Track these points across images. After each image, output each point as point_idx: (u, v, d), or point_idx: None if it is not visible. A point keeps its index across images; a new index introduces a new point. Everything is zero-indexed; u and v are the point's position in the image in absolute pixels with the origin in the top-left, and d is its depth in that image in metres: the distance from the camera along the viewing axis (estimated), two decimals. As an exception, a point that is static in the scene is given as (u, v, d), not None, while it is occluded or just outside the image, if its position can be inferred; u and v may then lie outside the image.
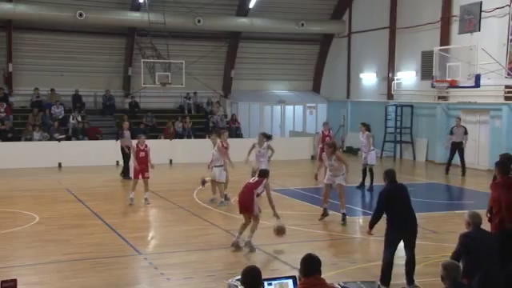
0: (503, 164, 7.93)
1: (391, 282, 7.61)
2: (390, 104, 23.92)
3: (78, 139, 21.83)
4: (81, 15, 22.38)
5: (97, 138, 21.90)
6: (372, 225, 7.86)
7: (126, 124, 18.23)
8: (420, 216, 8.35)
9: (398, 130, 23.30)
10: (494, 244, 6.71)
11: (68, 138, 21.73)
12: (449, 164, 18.57)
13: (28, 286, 7.61)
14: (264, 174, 10.13)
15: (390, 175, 7.83)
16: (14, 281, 5.13)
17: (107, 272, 8.51)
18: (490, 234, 6.85)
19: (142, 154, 13.53)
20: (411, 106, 22.98)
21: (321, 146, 17.27)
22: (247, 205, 9.65)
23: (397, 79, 23.96)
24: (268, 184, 10.02)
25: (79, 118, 22.72)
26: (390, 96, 24.36)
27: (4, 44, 22.93)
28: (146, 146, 13.67)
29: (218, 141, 13.74)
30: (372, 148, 15.64)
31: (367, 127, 15.67)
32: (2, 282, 5.11)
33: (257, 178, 10.05)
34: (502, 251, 6.79)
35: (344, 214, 11.47)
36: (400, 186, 7.84)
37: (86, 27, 23.46)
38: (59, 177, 18.29)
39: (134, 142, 14.20)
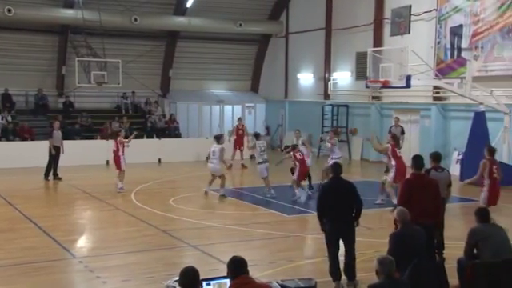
0: (417, 159, 8.10)
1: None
2: (326, 104, 24.44)
3: (8, 140, 20.98)
4: (9, 11, 21.50)
5: (26, 139, 21.14)
6: (319, 219, 7.78)
7: (57, 124, 17.80)
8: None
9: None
10: (422, 238, 7.00)
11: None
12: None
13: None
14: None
15: (333, 170, 7.82)
16: None
17: (40, 277, 8.24)
18: (418, 228, 7.12)
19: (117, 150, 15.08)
20: (347, 106, 23.56)
21: (235, 137, 20.35)
22: None
23: (333, 79, 24.51)
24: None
25: (9, 118, 21.85)
26: (326, 96, 24.89)
27: None
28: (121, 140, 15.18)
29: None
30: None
31: (300, 132, 16.10)
32: None
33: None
34: None
35: None
36: (339, 182, 7.75)
37: (16, 24, 22.53)
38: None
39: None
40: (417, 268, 6.14)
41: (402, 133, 18.95)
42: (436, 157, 9.15)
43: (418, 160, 8.11)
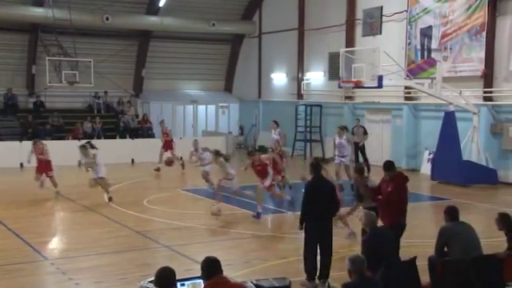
0: (391, 163, 8.36)
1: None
2: (300, 104, 24.58)
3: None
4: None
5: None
6: (302, 218, 7.77)
7: None
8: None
9: (308, 129, 24.00)
10: (392, 238, 7.11)
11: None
12: (356, 163, 19.23)
13: None
14: None
15: (314, 169, 7.89)
16: None
17: (12, 280, 8.11)
18: (387, 229, 7.25)
19: (41, 156, 14.63)
20: (320, 106, 23.74)
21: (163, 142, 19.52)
22: None
23: (306, 79, 24.66)
24: None
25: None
26: (299, 96, 25.04)
27: None
28: (42, 148, 14.74)
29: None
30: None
31: (278, 124, 16.44)
32: None
33: None
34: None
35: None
36: (321, 182, 7.90)
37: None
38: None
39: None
40: (389, 267, 6.24)
41: (365, 133, 19.18)
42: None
43: (391, 164, 8.34)
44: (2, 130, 21.88)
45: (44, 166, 14.72)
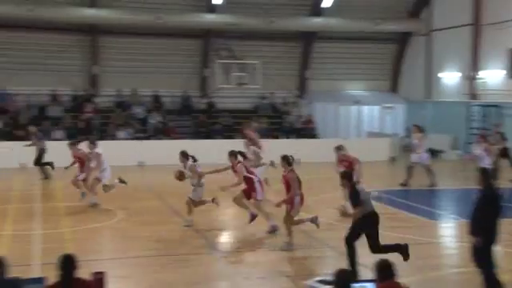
0: None
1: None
2: (473, 104, 22.90)
3: (158, 139, 22.43)
4: (159, 18, 23.03)
5: (177, 138, 22.43)
6: (478, 233, 7.12)
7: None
8: (507, 222, 7.85)
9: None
10: None
11: (147, 138, 22.40)
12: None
13: (115, 278, 7.85)
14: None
15: (488, 177, 7.25)
16: (103, 273, 5.45)
17: (188, 268, 8.65)
18: None
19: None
20: (497, 107, 21.89)
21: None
22: None
23: (480, 78, 22.92)
24: None
25: (159, 118, 23.41)
26: (473, 96, 23.34)
27: (89, 48, 24.04)
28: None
29: None
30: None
31: (420, 129, 16.42)
32: (93, 273, 5.44)
33: None
34: None
35: None
36: (496, 191, 7.33)
37: (165, 30, 24.11)
38: (141, 175, 18.81)
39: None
40: None
41: (503, 139, 17.24)
42: None
43: None
44: (178, 128, 23.64)
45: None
